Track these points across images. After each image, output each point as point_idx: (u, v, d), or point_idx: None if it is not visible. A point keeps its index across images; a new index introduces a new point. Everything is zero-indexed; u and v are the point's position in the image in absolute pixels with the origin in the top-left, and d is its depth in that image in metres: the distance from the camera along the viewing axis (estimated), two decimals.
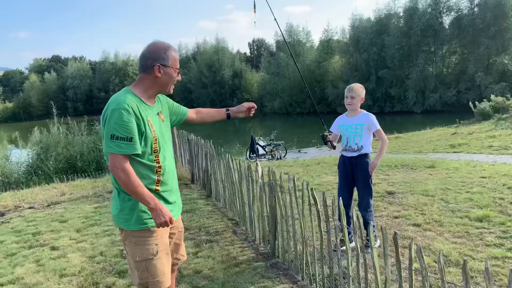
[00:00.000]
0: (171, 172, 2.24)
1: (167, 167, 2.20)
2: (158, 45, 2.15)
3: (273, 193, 3.75)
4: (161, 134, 2.18)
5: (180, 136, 8.68)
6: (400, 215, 4.82)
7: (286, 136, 25.58)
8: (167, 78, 2.15)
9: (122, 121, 1.97)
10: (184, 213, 5.43)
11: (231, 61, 55.03)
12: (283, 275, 3.47)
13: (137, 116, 2.02)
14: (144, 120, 2.06)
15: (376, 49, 36.55)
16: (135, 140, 2.01)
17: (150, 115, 2.13)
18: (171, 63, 2.14)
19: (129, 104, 2.01)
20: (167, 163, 2.21)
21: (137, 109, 2.04)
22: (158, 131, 2.15)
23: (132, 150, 2.01)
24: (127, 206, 2.10)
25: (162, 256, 2.15)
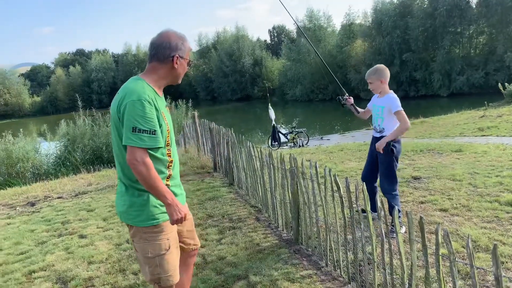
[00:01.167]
0: (178, 165, 2.19)
1: (176, 161, 2.16)
2: (176, 35, 2.07)
3: (295, 179, 3.72)
4: (171, 126, 2.12)
5: (202, 125, 8.73)
6: (426, 200, 4.71)
7: (308, 123, 25.39)
8: (182, 70, 2.12)
9: (144, 113, 1.89)
10: (207, 201, 5.48)
11: (251, 49, 54.83)
12: (307, 261, 3.46)
13: (156, 108, 1.96)
14: (159, 112, 1.99)
15: (399, 32, 35.59)
16: (158, 133, 1.95)
17: (162, 106, 2.06)
18: (185, 54, 2.11)
19: (149, 95, 1.94)
20: (176, 156, 2.17)
21: (155, 100, 1.97)
22: (169, 123, 2.09)
23: (155, 143, 1.94)
24: (137, 202, 2.01)
25: (173, 251, 2.11)
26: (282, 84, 47.93)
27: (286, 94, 46.44)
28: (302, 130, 15.97)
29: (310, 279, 3.13)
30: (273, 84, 51.92)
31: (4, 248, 4.51)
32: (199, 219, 4.77)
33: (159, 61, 2.05)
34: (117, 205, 2.13)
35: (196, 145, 9.04)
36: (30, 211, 6.17)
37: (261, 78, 52.35)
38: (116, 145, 2.03)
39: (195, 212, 5.03)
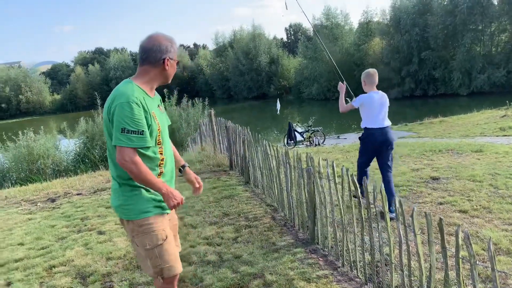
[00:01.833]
0: (170, 163, 2.26)
1: (168, 158, 2.22)
2: (165, 38, 2.15)
3: (311, 179, 3.71)
4: (163, 125, 2.19)
5: (218, 123, 8.76)
6: (445, 201, 4.63)
7: (324, 122, 25.25)
8: (172, 70, 2.20)
9: (133, 114, 1.98)
10: (223, 199, 5.51)
11: (268, 47, 54.74)
12: (323, 261, 3.44)
13: (145, 109, 2.04)
14: (149, 113, 2.07)
15: (418, 30, 35.03)
16: (146, 133, 2.03)
17: (153, 107, 2.14)
18: (175, 56, 2.19)
19: (137, 97, 2.02)
20: (168, 153, 2.23)
21: (144, 102, 2.05)
22: (160, 122, 2.16)
23: (143, 143, 2.02)
24: (130, 197, 2.11)
25: (171, 241, 2.19)
26: (298, 82, 47.73)
27: (303, 92, 46.24)
28: (319, 128, 15.90)
29: (326, 279, 3.11)
30: (289, 82, 51.76)
31: (26, 243, 4.62)
32: (215, 217, 4.80)
33: (151, 64, 2.13)
34: (112, 201, 2.22)
35: (212, 143, 9.09)
36: (51, 207, 6.31)
37: (277, 77, 52.24)
38: (109, 144, 2.11)
39: (211, 210, 5.07)
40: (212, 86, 60.40)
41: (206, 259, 3.66)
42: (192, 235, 4.30)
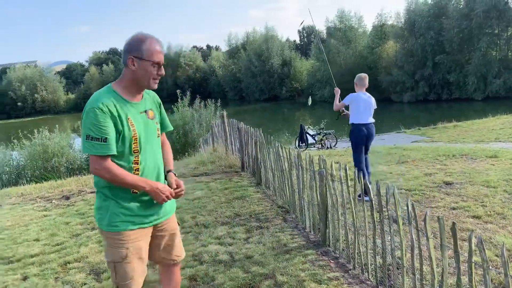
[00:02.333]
0: (151, 173, 2.10)
1: (147, 169, 2.08)
2: (135, 37, 2.02)
3: (323, 181, 3.72)
4: (145, 133, 2.07)
5: (230, 124, 8.81)
6: (458, 206, 4.60)
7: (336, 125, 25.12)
8: (143, 72, 2.00)
9: (97, 121, 1.91)
10: (235, 200, 5.54)
11: (280, 49, 54.79)
12: (334, 263, 3.45)
13: (113, 115, 1.94)
14: (122, 118, 1.97)
15: (433, 33, 34.71)
16: (110, 141, 1.93)
17: (132, 112, 2.02)
18: (146, 55, 1.98)
19: (104, 102, 1.94)
20: (149, 164, 2.09)
21: (113, 107, 1.95)
22: (140, 130, 2.04)
23: (106, 151, 1.93)
24: (102, 206, 2.06)
25: (132, 261, 2.07)
26: (311, 85, 47.64)
27: (315, 95, 46.11)
28: (331, 131, 15.85)
29: (337, 281, 3.12)
30: (301, 85, 51.69)
31: (41, 239, 4.71)
32: (226, 217, 4.84)
33: (125, 66, 2.05)
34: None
35: (224, 144, 9.14)
36: (65, 204, 6.42)
37: (290, 79, 52.22)
38: None
39: (223, 210, 5.10)
40: (224, 87, 60.65)
41: (217, 259, 3.69)
42: (204, 234, 4.34)
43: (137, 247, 2.08)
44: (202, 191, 6.16)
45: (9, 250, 4.45)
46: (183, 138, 16.18)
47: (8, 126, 49.26)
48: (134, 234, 2.05)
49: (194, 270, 3.50)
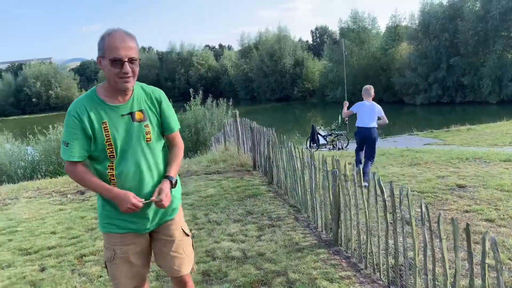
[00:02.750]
0: (131, 180, 1.95)
1: (124, 175, 1.94)
2: (103, 34, 1.88)
3: (336, 181, 3.75)
4: (126, 137, 1.93)
5: (243, 123, 8.87)
6: (471, 209, 4.58)
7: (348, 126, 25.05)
8: (107, 72, 1.86)
9: (67, 125, 1.89)
10: (247, 198, 5.59)
11: (293, 49, 54.69)
12: (346, 262, 3.48)
13: (83, 121, 1.88)
14: (94, 124, 1.89)
15: (448, 35, 34.34)
16: (72, 147, 1.88)
17: (110, 116, 1.91)
18: (106, 53, 1.83)
19: (75, 105, 1.90)
20: (127, 170, 1.94)
21: (85, 112, 1.89)
22: (118, 134, 1.92)
23: (66, 156, 1.90)
24: (98, 205, 2.09)
25: (119, 263, 2.04)
26: (323, 85, 47.49)
27: (327, 95, 45.98)
28: (342, 133, 15.80)
29: (349, 280, 3.15)
30: (313, 85, 51.56)
31: (58, 232, 4.82)
32: (239, 215, 4.89)
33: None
34: None
35: (236, 143, 9.20)
36: (80, 199, 6.54)
37: (302, 79, 52.12)
38: None
39: (235, 208, 5.16)
40: (235, 87, 60.79)
41: (230, 255, 3.75)
42: (217, 231, 4.40)
43: (124, 251, 2.03)
44: (215, 189, 6.23)
45: (27, 242, 4.57)
46: (195, 136, 16.30)
47: (23, 121, 50.04)
48: (121, 237, 2.02)
49: (207, 266, 3.56)
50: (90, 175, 1.93)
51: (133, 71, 1.88)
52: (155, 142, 2.01)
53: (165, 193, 1.94)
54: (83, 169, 1.94)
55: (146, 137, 1.96)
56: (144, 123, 1.96)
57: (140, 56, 1.94)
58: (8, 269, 3.84)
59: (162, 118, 2.05)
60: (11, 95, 67.71)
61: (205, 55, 69.49)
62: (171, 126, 2.09)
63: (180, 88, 62.81)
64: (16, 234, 4.88)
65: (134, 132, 1.94)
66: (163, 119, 2.05)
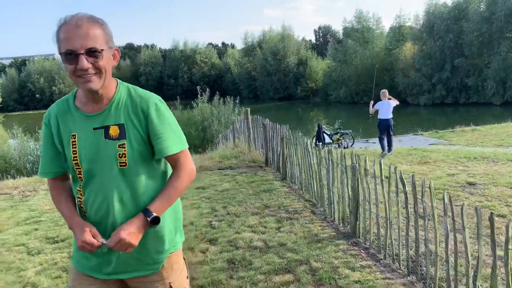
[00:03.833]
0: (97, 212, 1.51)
1: (90, 205, 1.52)
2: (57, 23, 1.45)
3: (356, 175, 3.89)
4: (94, 157, 1.48)
5: (255, 121, 9.02)
6: (483, 205, 4.72)
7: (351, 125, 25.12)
8: (66, 70, 1.44)
9: (41, 135, 1.60)
10: (262, 192, 5.73)
11: (296, 48, 54.76)
12: (365, 253, 3.63)
13: (52, 130, 1.55)
14: (62, 135, 1.53)
15: (452, 36, 34.36)
16: (43, 160, 1.58)
17: (81, 127, 1.51)
18: (60, 46, 1.41)
19: (49, 111, 1.59)
20: (94, 199, 1.50)
21: (55, 119, 1.55)
22: (86, 152, 1.49)
23: (41, 171, 1.60)
24: None
25: None
26: (326, 85, 47.57)
27: (330, 95, 46.07)
28: (348, 131, 15.94)
29: (370, 269, 3.30)
30: (316, 84, 51.65)
31: None
32: (256, 208, 5.03)
33: None
34: None
35: (247, 140, 9.35)
36: None
37: (305, 78, 52.20)
38: None
39: (252, 202, 5.30)
40: (238, 85, 60.88)
41: (252, 245, 3.90)
42: (237, 223, 4.54)
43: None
44: (230, 183, 6.38)
45: (53, 231, 4.73)
46: (202, 133, 16.47)
47: (26, 117, 50.26)
48: (78, 275, 1.60)
49: (231, 255, 3.71)
50: (63, 196, 1.59)
51: (97, 67, 1.41)
52: (135, 168, 1.50)
53: (119, 236, 1.41)
54: (59, 187, 1.61)
55: (120, 161, 1.47)
56: (118, 142, 1.47)
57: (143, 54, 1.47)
58: (39, 256, 4.00)
59: (151, 136, 1.51)
60: (15, 91, 67.89)
61: (209, 53, 69.57)
62: (164, 146, 1.52)
63: (183, 86, 62.95)
64: (41, 224, 5.04)
65: (105, 152, 1.47)
66: (152, 137, 1.51)
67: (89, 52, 1.39)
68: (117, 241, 1.42)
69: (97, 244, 1.45)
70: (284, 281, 3.17)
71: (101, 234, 1.48)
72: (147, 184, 1.53)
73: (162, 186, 1.57)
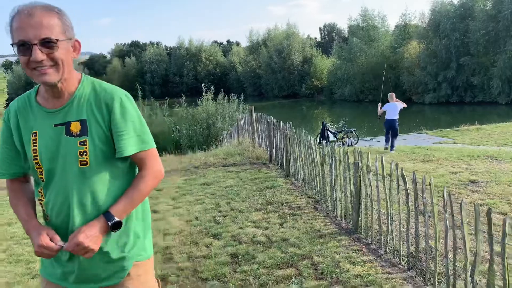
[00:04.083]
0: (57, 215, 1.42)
1: (51, 207, 1.43)
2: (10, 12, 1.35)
3: (358, 172, 3.95)
4: (54, 156, 1.40)
5: (258, 118, 9.08)
6: (485, 203, 4.76)
7: (356, 123, 25.17)
8: (22, 63, 1.34)
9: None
10: (266, 189, 5.80)
11: (301, 46, 54.71)
12: (366, 248, 3.69)
13: (11, 127, 1.46)
14: (22, 132, 1.44)
15: (458, 35, 34.19)
16: (0, 160, 1.49)
17: (42, 124, 1.42)
18: (13, 37, 1.33)
19: (10, 106, 1.50)
20: (54, 200, 1.42)
21: (14, 116, 1.46)
22: (47, 150, 1.40)
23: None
24: None
25: None
26: (331, 83, 47.51)
27: (334, 93, 46.02)
28: (352, 130, 15.97)
29: (371, 264, 3.36)
30: (321, 82, 51.59)
31: None
32: (259, 204, 5.10)
33: None
34: None
35: (251, 138, 9.41)
36: None
37: (310, 76, 52.15)
38: None
39: (255, 198, 5.37)
40: (243, 83, 60.95)
41: (255, 240, 3.97)
42: (240, 218, 4.61)
43: None
44: (234, 180, 6.45)
45: None
46: (206, 130, 16.54)
47: None
48: (47, 284, 1.52)
49: (235, 249, 3.79)
50: (22, 200, 1.49)
51: (52, 58, 1.32)
52: (97, 167, 1.41)
53: (77, 239, 1.33)
54: (18, 189, 1.51)
55: (80, 160, 1.39)
56: (79, 139, 1.39)
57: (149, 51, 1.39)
58: None
59: (113, 133, 1.42)
60: (21, 88, 68.26)
61: (213, 50, 69.65)
62: (123, 145, 1.42)
63: (188, 84, 63.08)
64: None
65: (65, 150, 1.39)
66: (114, 135, 1.42)
67: (44, 43, 1.30)
68: (75, 245, 1.33)
69: (55, 248, 1.36)
70: (286, 274, 3.24)
71: (62, 240, 1.39)
72: (110, 186, 1.43)
73: (127, 188, 1.47)
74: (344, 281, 3.08)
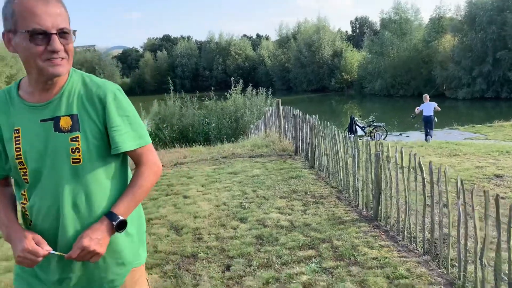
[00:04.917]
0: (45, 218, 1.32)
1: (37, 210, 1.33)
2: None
3: (379, 162, 4.12)
4: (41, 154, 1.30)
5: (285, 111, 9.29)
6: (507, 196, 4.82)
7: (385, 119, 24.83)
8: (25, 53, 1.24)
9: None
10: (290, 179, 6.03)
11: (332, 40, 54.21)
12: (385, 235, 3.87)
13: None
14: (3, 130, 1.33)
15: (495, 28, 32.99)
16: None
17: (26, 120, 1.32)
18: (18, 22, 1.22)
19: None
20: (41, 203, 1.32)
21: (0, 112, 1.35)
22: (32, 148, 1.30)
23: None
24: None
25: None
26: (361, 77, 46.93)
27: (365, 87, 45.46)
28: (381, 124, 15.90)
29: (388, 248, 3.55)
30: (351, 76, 51.03)
31: None
32: (284, 193, 5.34)
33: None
34: None
35: (277, 130, 9.64)
36: None
37: (340, 70, 51.66)
38: None
39: (280, 187, 5.61)
40: (272, 77, 61.04)
41: (279, 224, 4.22)
42: (265, 205, 4.87)
43: None
44: (260, 170, 6.71)
45: None
46: (234, 123, 16.89)
47: None
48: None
49: (259, 232, 4.05)
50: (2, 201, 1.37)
51: (67, 51, 1.27)
52: (91, 165, 1.32)
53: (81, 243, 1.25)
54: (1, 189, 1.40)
55: (72, 157, 1.30)
56: (71, 135, 1.30)
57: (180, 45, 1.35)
58: None
59: (108, 128, 1.34)
60: None
61: (243, 44, 70.04)
62: (119, 141, 1.34)
63: (218, 77, 63.82)
64: None
65: (55, 147, 1.29)
66: (109, 130, 1.34)
67: (61, 33, 1.24)
68: (80, 250, 1.24)
69: (42, 253, 1.24)
70: (307, 255, 3.48)
71: (49, 246, 1.28)
72: (105, 186, 1.35)
73: (123, 188, 1.39)
74: (361, 262, 3.29)
